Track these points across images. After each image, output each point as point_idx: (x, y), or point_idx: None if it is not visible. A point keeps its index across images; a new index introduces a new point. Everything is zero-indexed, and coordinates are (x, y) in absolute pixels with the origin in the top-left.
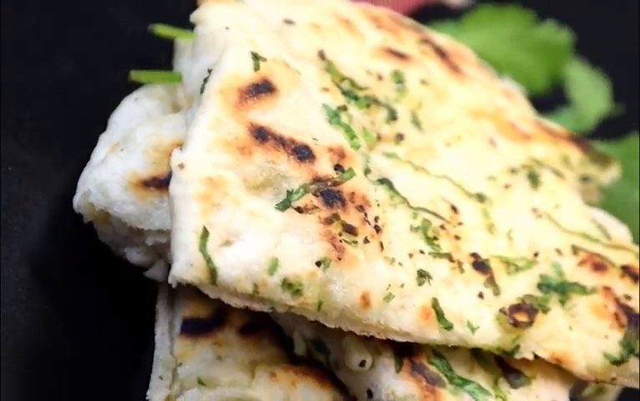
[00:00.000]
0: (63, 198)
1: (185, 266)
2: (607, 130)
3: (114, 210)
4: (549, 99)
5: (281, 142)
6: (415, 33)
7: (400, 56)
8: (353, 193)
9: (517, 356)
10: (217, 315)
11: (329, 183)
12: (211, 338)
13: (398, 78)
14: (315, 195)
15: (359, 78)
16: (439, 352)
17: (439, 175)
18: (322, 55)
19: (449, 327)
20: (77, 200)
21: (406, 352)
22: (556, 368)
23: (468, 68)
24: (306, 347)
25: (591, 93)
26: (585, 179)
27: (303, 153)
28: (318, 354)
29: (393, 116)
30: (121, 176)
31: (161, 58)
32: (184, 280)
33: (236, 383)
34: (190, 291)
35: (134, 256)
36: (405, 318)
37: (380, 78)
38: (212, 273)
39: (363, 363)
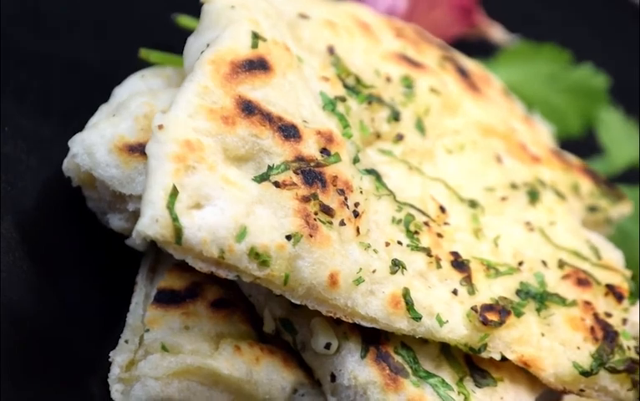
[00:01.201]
0: (57, 165)
1: (150, 221)
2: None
3: (98, 172)
4: (581, 143)
5: (268, 118)
6: (439, 50)
7: (414, 63)
8: (335, 177)
9: (484, 355)
10: (191, 288)
11: (312, 164)
12: (182, 309)
13: (408, 83)
14: (295, 172)
15: (366, 76)
16: (408, 344)
17: (433, 178)
18: (331, 50)
19: (417, 318)
20: (66, 161)
21: (374, 340)
22: (524, 374)
23: (489, 91)
24: (275, 325)
25: (622, 140)
26: (593, 209)
27: (289, 131)
28: (286, 334)
29: (395, 117)
30: (108, 139)
31: (182, 48)
32: (148, 236)
33: (199, 351)
34: (169, 265)
35: (116, 222)
36: (373, 304)
37: (389, 80)
38: (177, 232)
39: (328, 346)
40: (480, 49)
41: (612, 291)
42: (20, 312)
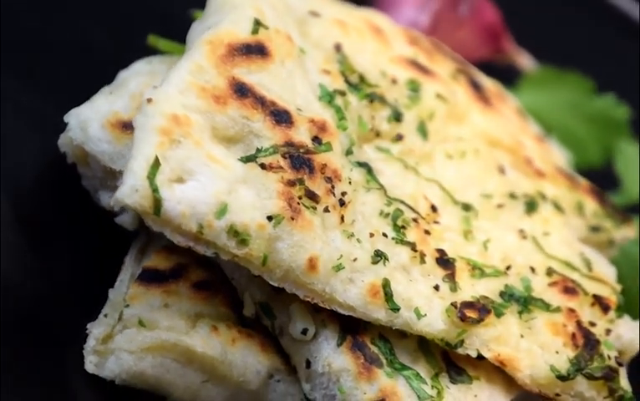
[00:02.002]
0: (55, 144)
1: (130, 190)
2: None
3: (90, 146)
4: (601, 174)
5: (261, 102)
6: (453, 63)
7: (423, 70)
8: (324, 165)
9: (461, 351)
10: (176, 269)
11: (302, 150)
12: (163, 287)
13: (413, 87)
14: (283, 156)
15: (371, 75)
16: (386, 336)
17: (428, 178)
18: (337, 47)
19: (395, 309)
20: (62, 136)
21: (351, 329)
22: (501, 375)
23: (502, 108)
24: (255, 309)
25: (638, 172)
26: (596, 229)
27: (282, 117)
28: (265, 318)
29: (397, 117)
30: (102, 115)
31: None
32: (126, 204)
33: (175, 328)
34: (158, 246)
35: (107, 199)
36: (352, 292)
37: (394, 81)
38: (156, 203)
39: (305, 331)
40: (507, 75)
41: (598, 301)
42: (5, 281)
